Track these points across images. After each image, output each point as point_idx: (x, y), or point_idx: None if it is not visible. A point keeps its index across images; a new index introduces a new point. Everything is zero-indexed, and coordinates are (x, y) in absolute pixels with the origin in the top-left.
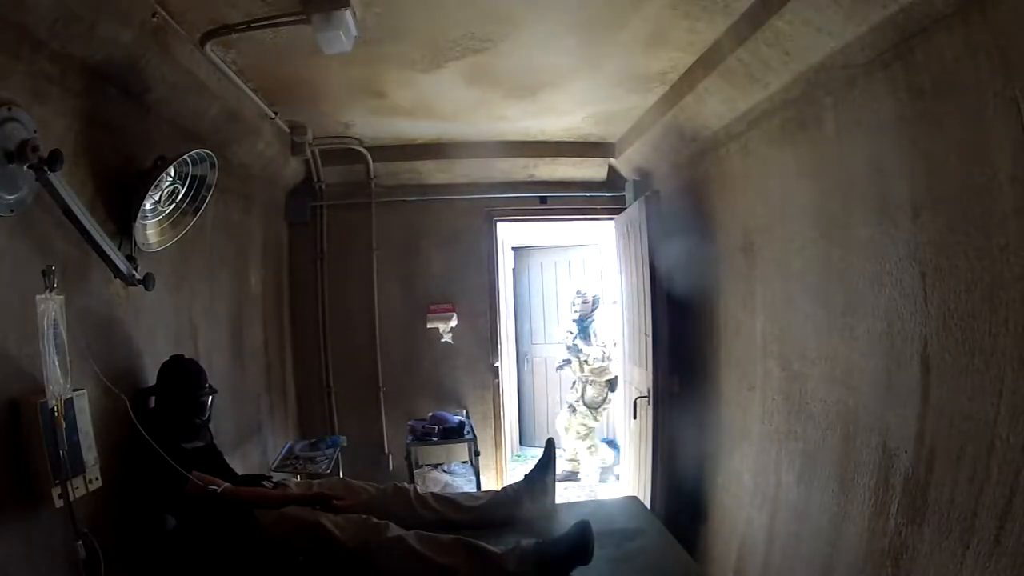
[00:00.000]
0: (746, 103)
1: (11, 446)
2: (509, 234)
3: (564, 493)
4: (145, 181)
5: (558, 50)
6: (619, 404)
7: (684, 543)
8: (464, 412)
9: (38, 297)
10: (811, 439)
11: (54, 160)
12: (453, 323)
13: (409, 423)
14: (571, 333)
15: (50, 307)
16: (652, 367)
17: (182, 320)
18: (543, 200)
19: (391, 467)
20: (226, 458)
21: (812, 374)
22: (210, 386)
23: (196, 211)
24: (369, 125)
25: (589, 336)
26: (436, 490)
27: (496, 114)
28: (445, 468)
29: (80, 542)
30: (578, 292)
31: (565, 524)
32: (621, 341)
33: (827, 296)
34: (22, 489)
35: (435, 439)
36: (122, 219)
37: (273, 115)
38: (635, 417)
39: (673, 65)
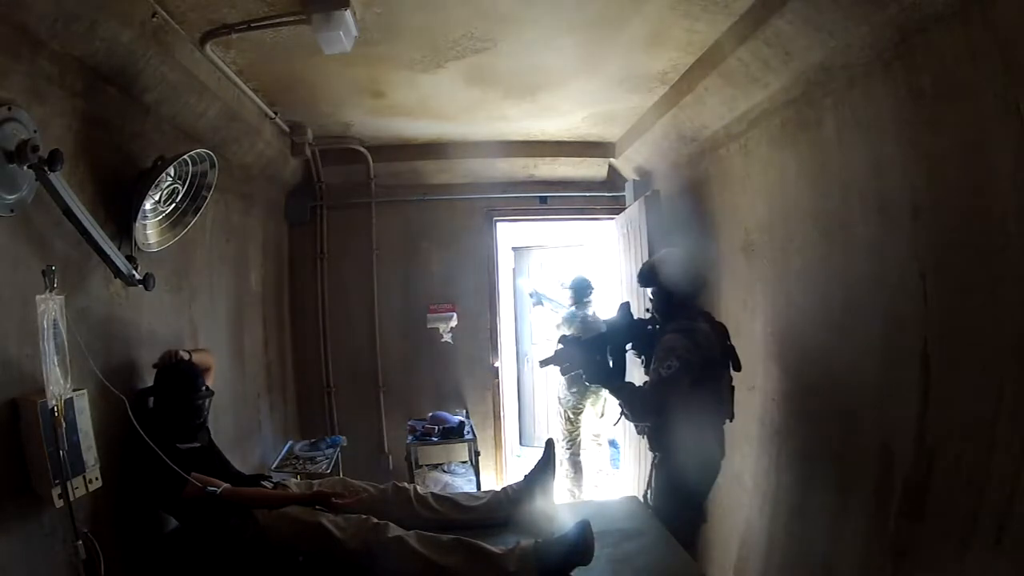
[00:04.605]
0: (746, 103)
1: (11, 446)
2: (509, 234)
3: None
4: (145, 181)
5: (558, 50)
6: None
7: (684, 543)
8: (464, 412)
9: (38, 297)
10: (811, 439)
11: (54, 160)
12: (453, 323)
13: (409, 423)
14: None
15: (50, 307)
16: None
17: (182, 320)
18: (543, 200)
19: (391, 467)
20: (225, 458)
21: (812, 374)
22: (207, 388)
23: (196, 211)
24: (369, 125)
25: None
26: (436, 490)
27: (496, 114)
28: (445, 468)
29: (80, 542)
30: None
31: (565, 524)
32: None
33: (827, 296)
34: (22, 489)
35: (435, 439)
36: (122, 219)
37: (273, 115)
38: None
39: (673, 65)
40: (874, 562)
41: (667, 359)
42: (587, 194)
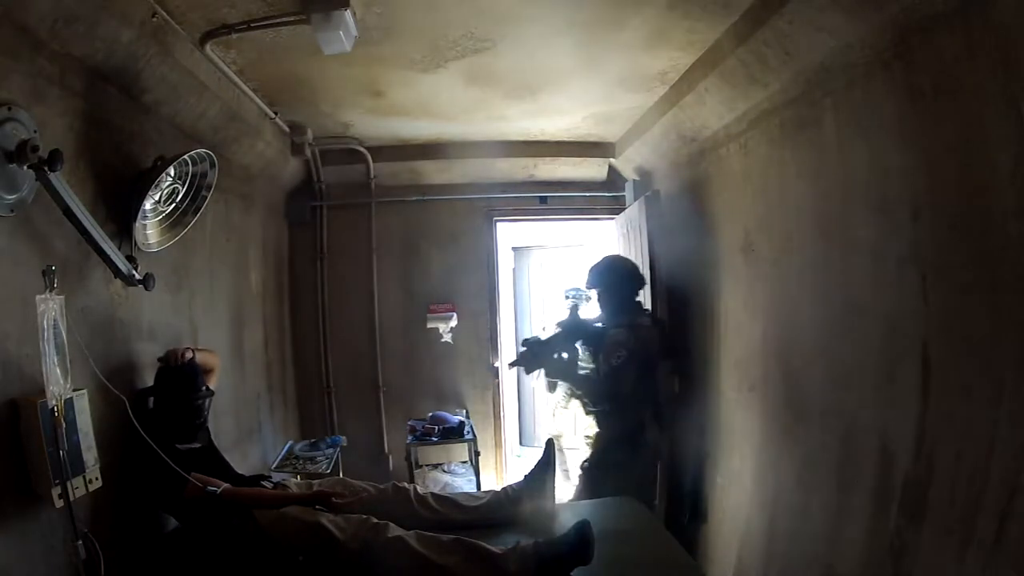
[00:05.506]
0: (746, 103)
1: (11, 446)
2: (509, 234)
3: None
4: (145, 181)
5: (558, 50)
6: None
7: (684, 543)
8: (464, 412)
9: (38, 297)
10: (811, 439)
11: (54, 160)
12: (453, 323)
13: (409, 423)
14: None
15: (50, 307)
16: None
17: (182, 320)
18: (543, 200)
19: (391, 467)
20: (225, 459)
21: (812, 374)
22: (206, 388)
23: (196, 211)
24: (369, 125)
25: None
26: (436, 490)
27: (496, 114)
28: (445, 468)
29: (80, 542)
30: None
31: (565, 524)
32: None
33: (827, 296)
34: (22, 489)
35: (435, 439)
36: (122, 219)
37: (273, 115)
38: None
39: (673, 65)
40: (874, 562)
41: (616, 351)
42: (587, 194)
